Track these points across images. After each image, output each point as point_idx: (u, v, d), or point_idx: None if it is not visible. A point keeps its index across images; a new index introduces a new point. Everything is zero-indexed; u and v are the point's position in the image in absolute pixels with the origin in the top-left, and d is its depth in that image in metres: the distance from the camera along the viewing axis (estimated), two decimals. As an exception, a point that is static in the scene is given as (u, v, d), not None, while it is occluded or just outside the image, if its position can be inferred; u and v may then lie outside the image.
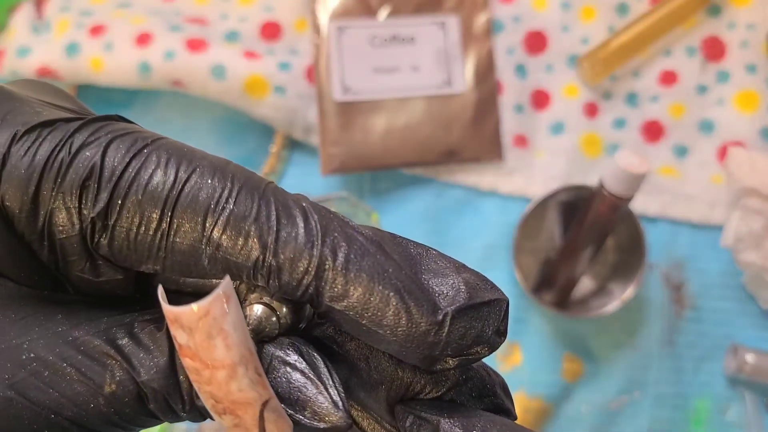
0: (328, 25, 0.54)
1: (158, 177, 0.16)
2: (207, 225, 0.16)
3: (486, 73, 0.55)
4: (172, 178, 0.16)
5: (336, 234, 0.16)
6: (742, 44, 0.56)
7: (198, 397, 0.17)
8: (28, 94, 0.18)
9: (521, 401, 0.53)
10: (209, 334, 0.15)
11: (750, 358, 0.52)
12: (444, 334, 0.16)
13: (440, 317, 0.16)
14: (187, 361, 0.15)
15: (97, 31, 0.52)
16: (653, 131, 0.55)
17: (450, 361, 0.17)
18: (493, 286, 0.17)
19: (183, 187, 0.16)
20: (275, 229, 0.16)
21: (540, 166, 0.54)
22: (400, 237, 0.18)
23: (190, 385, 0.17)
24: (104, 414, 0.17)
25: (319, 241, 0.16)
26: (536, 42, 0.56)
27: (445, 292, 0.17)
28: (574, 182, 0.52)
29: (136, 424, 0.17)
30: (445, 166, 0.54)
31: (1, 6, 0.54)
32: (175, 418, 0.17)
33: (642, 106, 0.56)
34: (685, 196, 0.54)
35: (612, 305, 0.50)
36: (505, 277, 0.54)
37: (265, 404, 0.16)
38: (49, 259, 0.17)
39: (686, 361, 0.54)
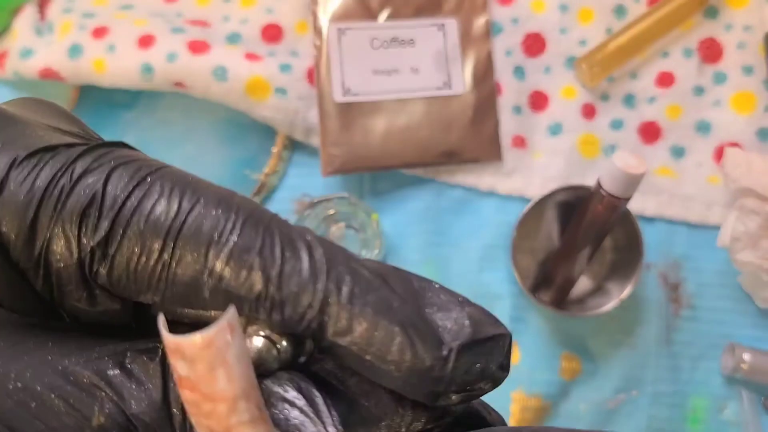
0: (328, 27, 0.54)
1: (161, 206, 0.16)
2: (210, 256, 0.16)
3: (485, 74, 0.55)
4: (175, 207, 0.16)
5: (340, 268, 0.16)
6: (739, 46, 0.56)
7: (192, 431, 0.16)
8: (32, 116, 0.18)
9: (519, 400, 0.53)
10: (211, 365, 0.14)
11: (747, 357, 0.52)
12: (449, 370, 0.16)
13: (445, 352, 0.16)
14: (186, 393, 0.15)
15: (99, 32, 0.52)
16: (650, 132, 0.56)
17: (453, 397, 0.16)
18: (496, 321, 0.17)
19: (186, 217, 0.16)
20: (279, 262, 0.16)
21: (538, 166, 0.55)
22: (403, 270, 0.17)
23: (183, 419, 0.16)
24: None
25: (324, 275, 0.16)
26: (535, 44, 0.56)
27: (449, 326, 0.16)
28: (572, 182, 0.53)
29: None
30: (444, 167, 0.54)
31: (3, 8, 0.55)
32: None
33: (639, 108, 0.56)
34: (682, 196, 0.55)
35: (610, 304, 0.50)
36: (503, 276, 0.54)
37: None
38: (43, 288, 0.17)
39: (683, 359, 0.54)
